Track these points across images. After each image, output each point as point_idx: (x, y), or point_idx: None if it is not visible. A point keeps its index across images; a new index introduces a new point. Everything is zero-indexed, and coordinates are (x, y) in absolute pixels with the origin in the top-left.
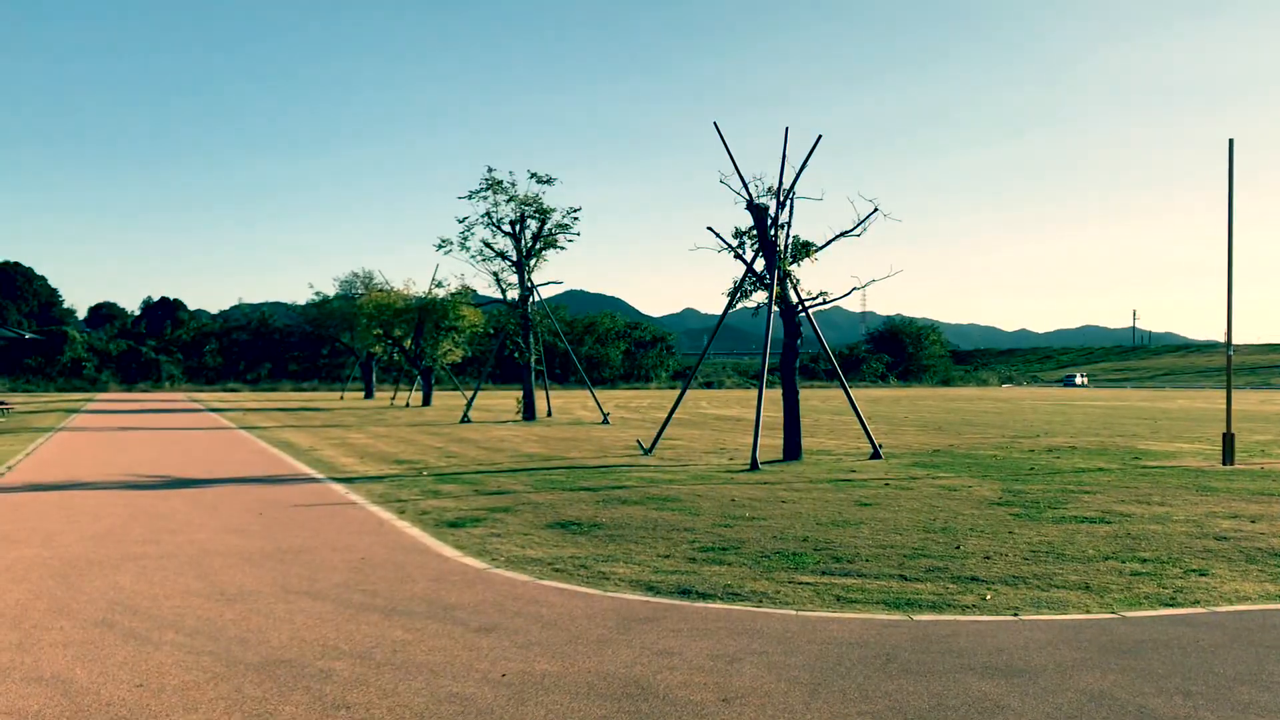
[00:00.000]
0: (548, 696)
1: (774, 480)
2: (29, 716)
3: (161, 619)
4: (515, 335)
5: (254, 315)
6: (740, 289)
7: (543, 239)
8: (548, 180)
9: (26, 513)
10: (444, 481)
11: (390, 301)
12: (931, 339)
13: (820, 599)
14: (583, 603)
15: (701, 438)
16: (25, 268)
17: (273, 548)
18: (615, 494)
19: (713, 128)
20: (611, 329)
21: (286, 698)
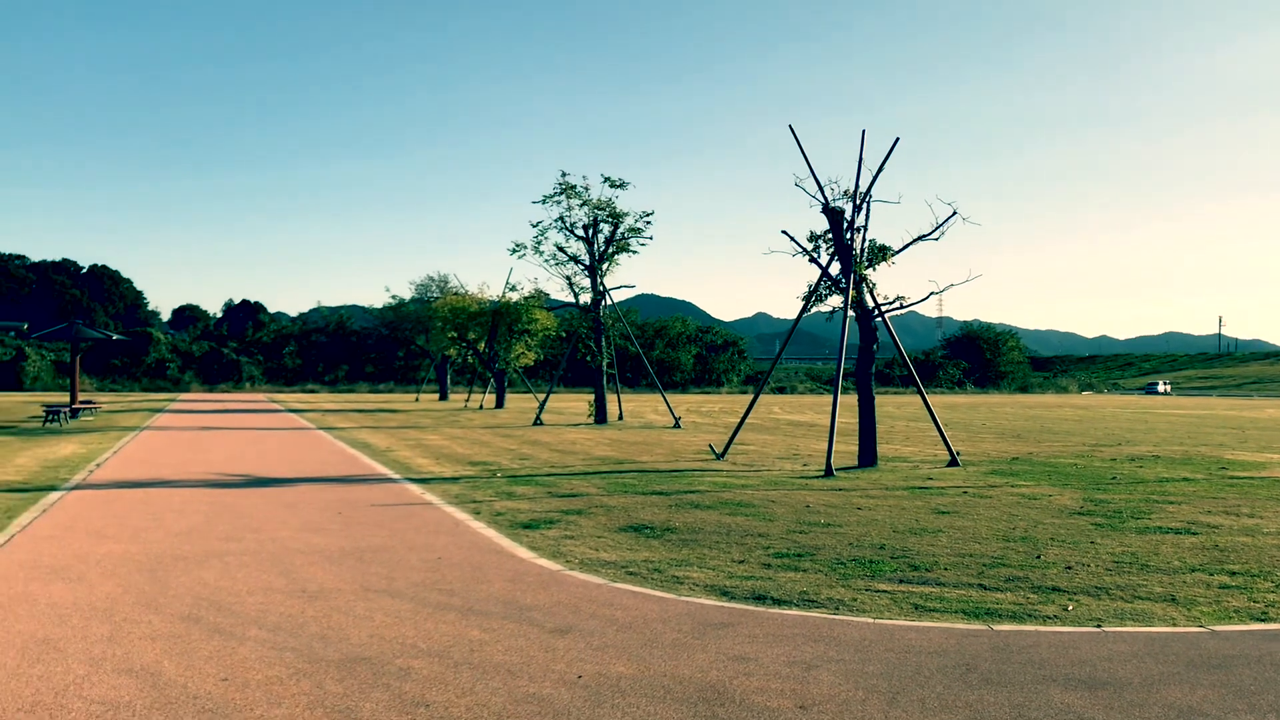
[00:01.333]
0: (624, 699)
1: (849, 487)
2: (120, 707)
3: (245, 615)
4: (587, 339)
5: (332, 318)
6: (815, 293)
7: (615, 243)
8: (621, 184)
9: (115, 509)
10: (517, 483)
11: (465, 305)
12: (1009, 345)
13: (898, 607)
14: (657, 606)
15: (775, 443)
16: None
17: (352, 546)
18: (688, 498)
19: (788, 131)
20: (683, 333)
21: (367, 695)
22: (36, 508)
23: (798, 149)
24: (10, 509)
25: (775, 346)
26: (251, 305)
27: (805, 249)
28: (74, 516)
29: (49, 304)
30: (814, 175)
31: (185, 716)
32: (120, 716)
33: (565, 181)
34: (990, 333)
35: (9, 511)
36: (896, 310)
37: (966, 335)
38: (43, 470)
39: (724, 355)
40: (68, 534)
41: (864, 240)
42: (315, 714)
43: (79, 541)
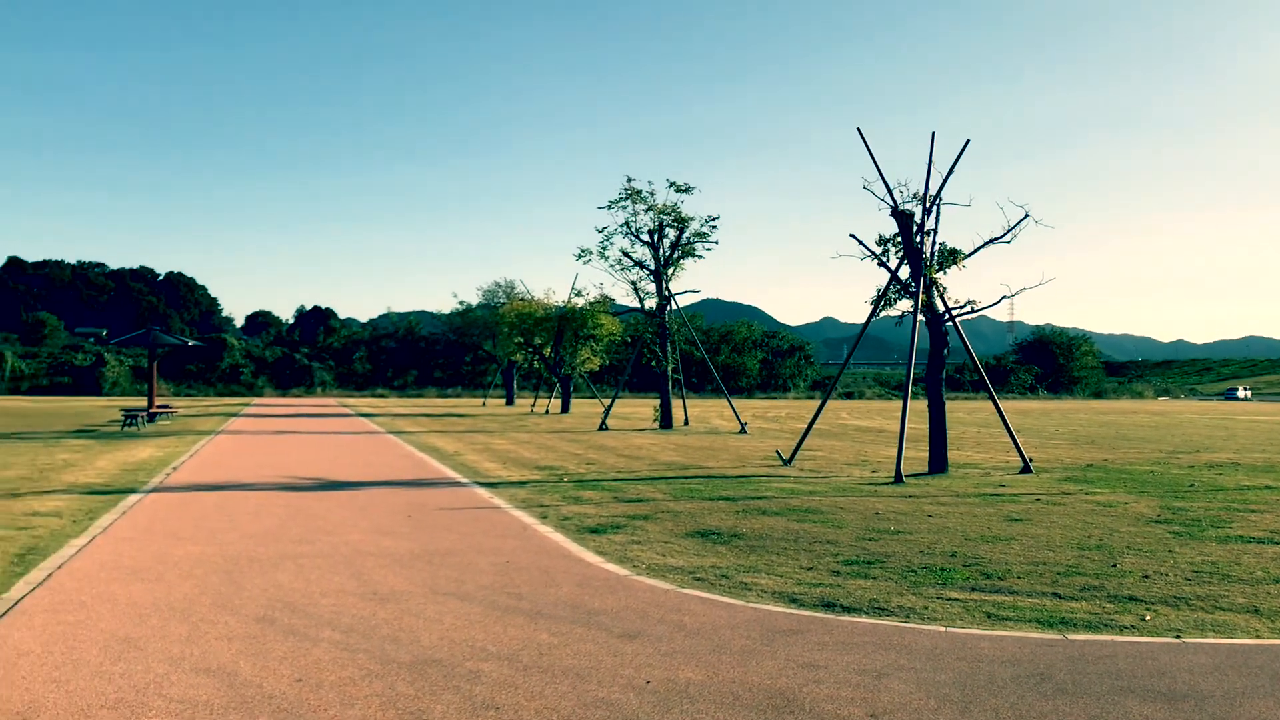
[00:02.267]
0: (693, 705)
1: (919, 494)
2: (198, 706)
3: (318, 616)
4: (653, 344)
5: (401, 324)
6: (884, 297)
7: (681, 248)
8: (686, 189)
9: (191, 512)
10: (584, 488)
11: (531, 310)
12: (1083, 350)
13: (970, 615)
14: (725, 612)
15: (842, 449)
16: (188, 278)
17: (421, 549)
18: (755, 504)
19: (856, 133)
20: (748, 338)
21: (438, 697)
22: (116, 510)
23: (866, 151)
24: (92, 511)
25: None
26: (322, 311)
27: (874, 252)
28: (152, 518)
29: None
30: (882, 178)
31: (261, 716)
32: (199, 715)
33: (631, 187)
34: (1063, 337)
35: (90, 513)
36: (967, 314)
37: (1038, 340)
38: (122, 473)
39: (790, 360)
40: (146, 535)
41: (934, 243)
42: (388, 715)
43: (157, 543)
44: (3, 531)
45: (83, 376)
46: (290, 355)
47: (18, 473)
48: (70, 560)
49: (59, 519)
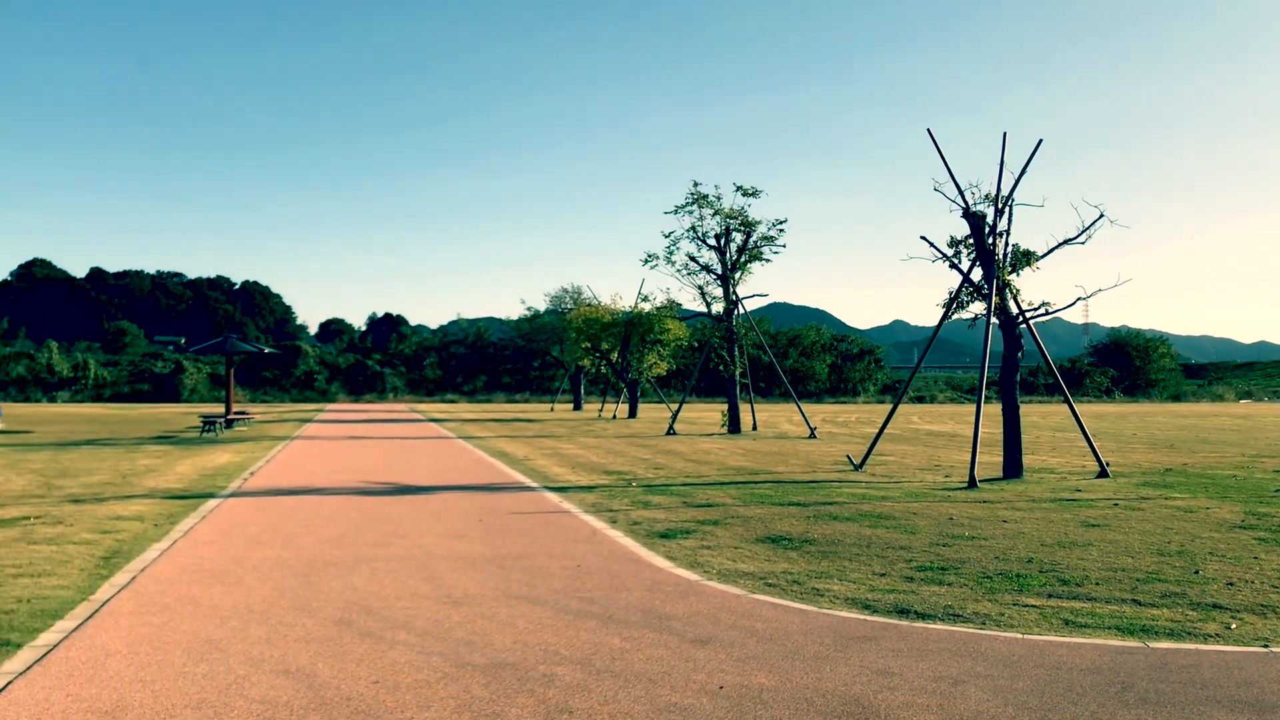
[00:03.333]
0: (766, 711)
1: (994, 499)
2: (279, 706)
3: (394, 619)
4: (720, 348)
5: (470, 330)
6: (956, 300)
7: (748, 252)
8: (753, 193)
9: (269, 516)
10: (653, 493)
11: (598, 316)
12: (1160, 352)
13: (1047, 622)
14: (798, 618)
15: (914, 454)
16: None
17: (493, 553)
18: (826, 510)
19: (925, 134)
20: (817, 341)
21: (512, 700)
22: (196, 514)
23: (936, 153)
24: (173, 515)
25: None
26: (393, 318)
27: (945, 254)
28: (231, 522)
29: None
30: (953, 179)
31: (340, 717)
32: (279, 715)
33: (697, 191)
34: (1139, 339)
35: (172, 517)
36: (1041, 316)
37: (1114, 342)
38: (201, 478)
39: (860, 364)
40: (225, 539)
41: (1006, 245)
42: (463, 717)
43: (236, 547)
44: (88, 535)
45: (162, 383)
46: (362, 362)
47: (102, 478)
48: (153, 563)
49: (141, 523)
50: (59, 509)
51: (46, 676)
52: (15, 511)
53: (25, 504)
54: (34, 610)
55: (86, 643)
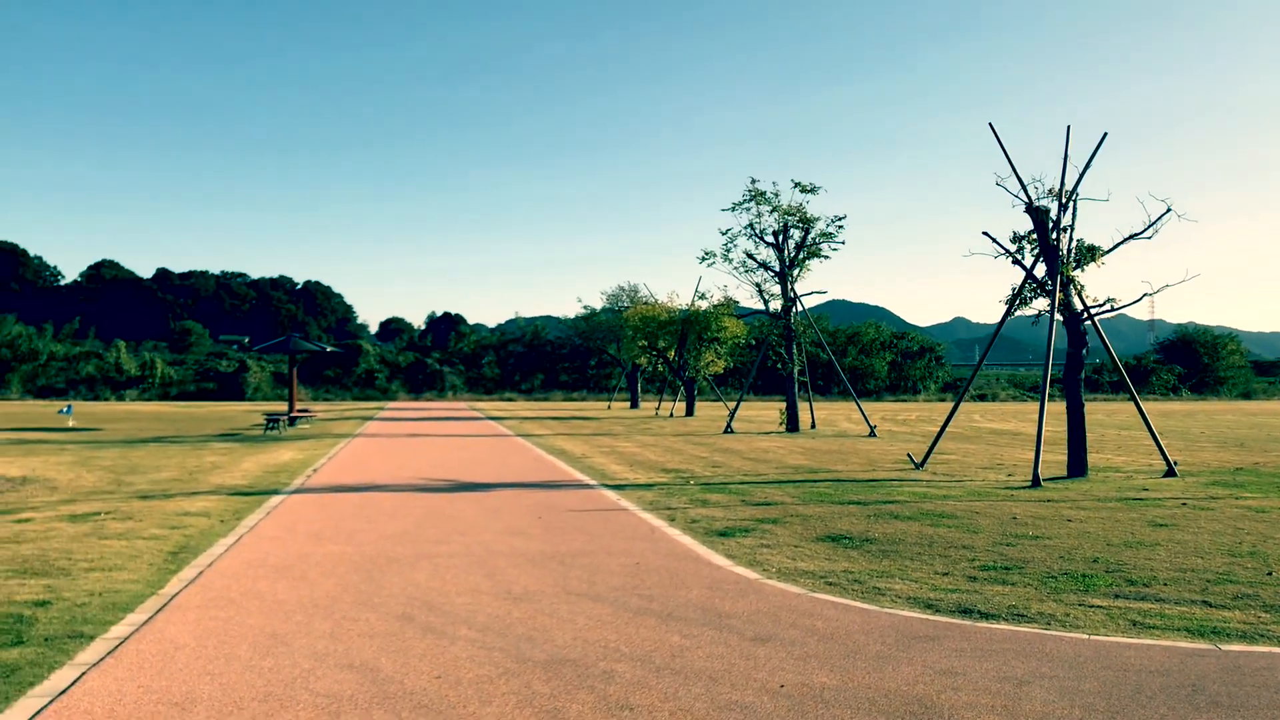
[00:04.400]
0: (828, 710)
1: (1058, 498)
2: (343, 700)
3: (455, 615)
4: (778, 346)
5: (528, 329)
6: (1019, 296)
7: (806, 249)
8: (812, 189)
9: (332, 512)
10: (711, 491)
11: (655, 314)
12: (1229, 348)
13: (1114, 623)
14: (859, 617)
15: (976, 452)
16: (325, 286)
17: (552, 550)
18: (887, 508)
19: (987, 128)
20: (876, 339)
21: (573, 696)
22: (261, 510)
23: (998, 146)
24: (238, 511)
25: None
26: (452, 317)
27: (1008, 250)
28: (295, 518)
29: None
30: (1016, 173)
31: (403, 711)
32: (344, 709)
33: (755, 188)
34: (1207, 335)
35: (237, 513)
36: (1106, 313)
37: (1181, 339)
38: (265, 475)
39: (920, 362)
40: (290, 535)
41: (1070, 240)
42: (524, 713)
43: (300, 542)
44: (157, 530)
45: (227, 382)
46: (422, 360)
47: (169, 474)
48: (219, 558)
49: (207, 519)
50: (128, 505)
51: (119, 668)
52: (87, 507)
53: (96, 500)
54: (105, 603)
55: (156, 635)
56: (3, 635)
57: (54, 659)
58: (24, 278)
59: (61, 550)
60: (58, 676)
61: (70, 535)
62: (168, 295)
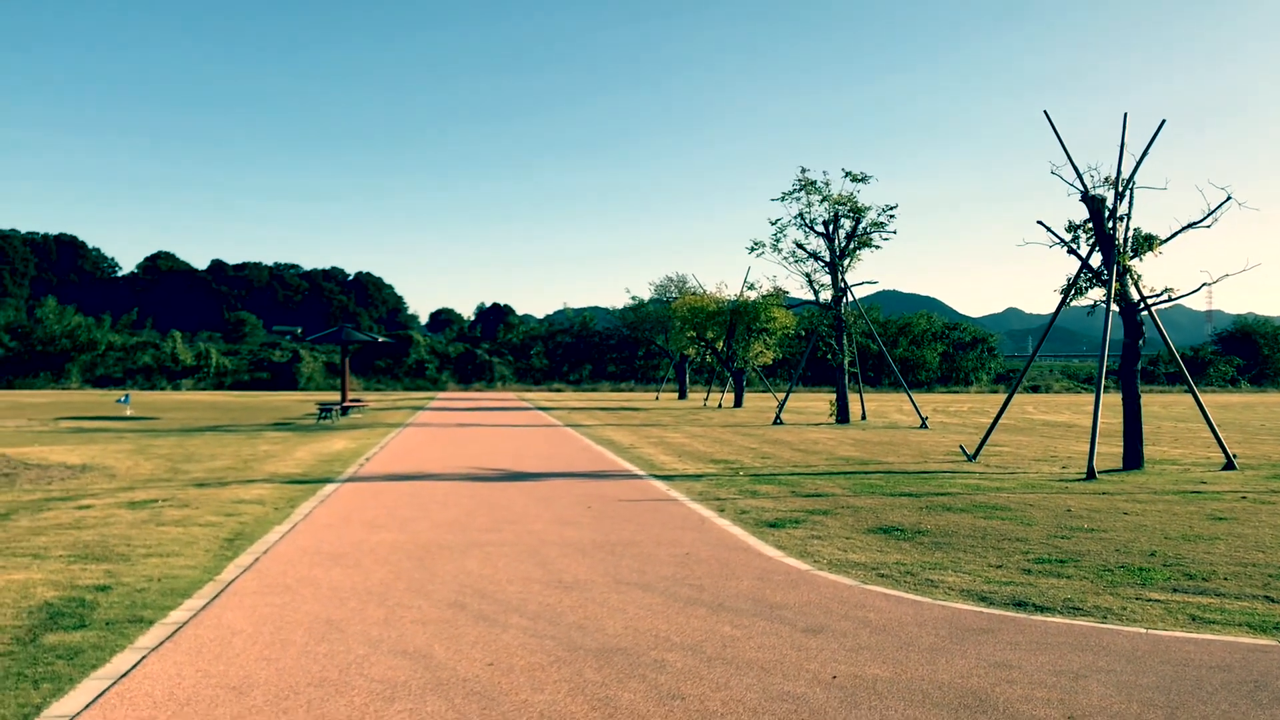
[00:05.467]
0: (880, 702)
1: (1113, 490)
2: (397, 686)
3: (506, 603)
4: (828, 337)
5: (576, 319)
6: (1074, 286)
7: (857, 238)
8: (863, 178)
9: (384, 500)
10: (760, 482)
11: (703, 305)
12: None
13: (1172, 617)
14: (911, 609)
15: (1030, 444)
16: (376, 277)
17: (602, 539)
18: (939, 500)
19: (1042, 116)
20: (928, 330)
21: (624, 685)
22: (315, 498)
23: (1054, 135)
24: (293, 499)
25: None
26: (501, 308)
27: (1063, 240)
28: (348, 507)
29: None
30: (1071, 162)
31: (456, 698)
32: (397, 695)
33: (805, 177)
34: (1268, 326)
35: (292, 501)
36: (1163, 303)
37: (1240, 329)
38: (319, 463)
39: (972, 353)
40: (343, 523)
41: (1127, 229)
42: (576, 701)
43: (354, 530)
44: (213, 518)
45: (280, 372)
46: (471, 351)
47: (224, 463)
48: (274, 545)
49: (262, 506)
50: (185, 492)
51: (177, 652)
52: (145, 494)
53: (154, 487)
54: (164, 589)
55: (213, 621)
56: (66, 618)
57: (115, 642)
58: (83, 269)
59: (121, 536)
60: (119, 659)
61: (129, 522)
62: (222, 286)
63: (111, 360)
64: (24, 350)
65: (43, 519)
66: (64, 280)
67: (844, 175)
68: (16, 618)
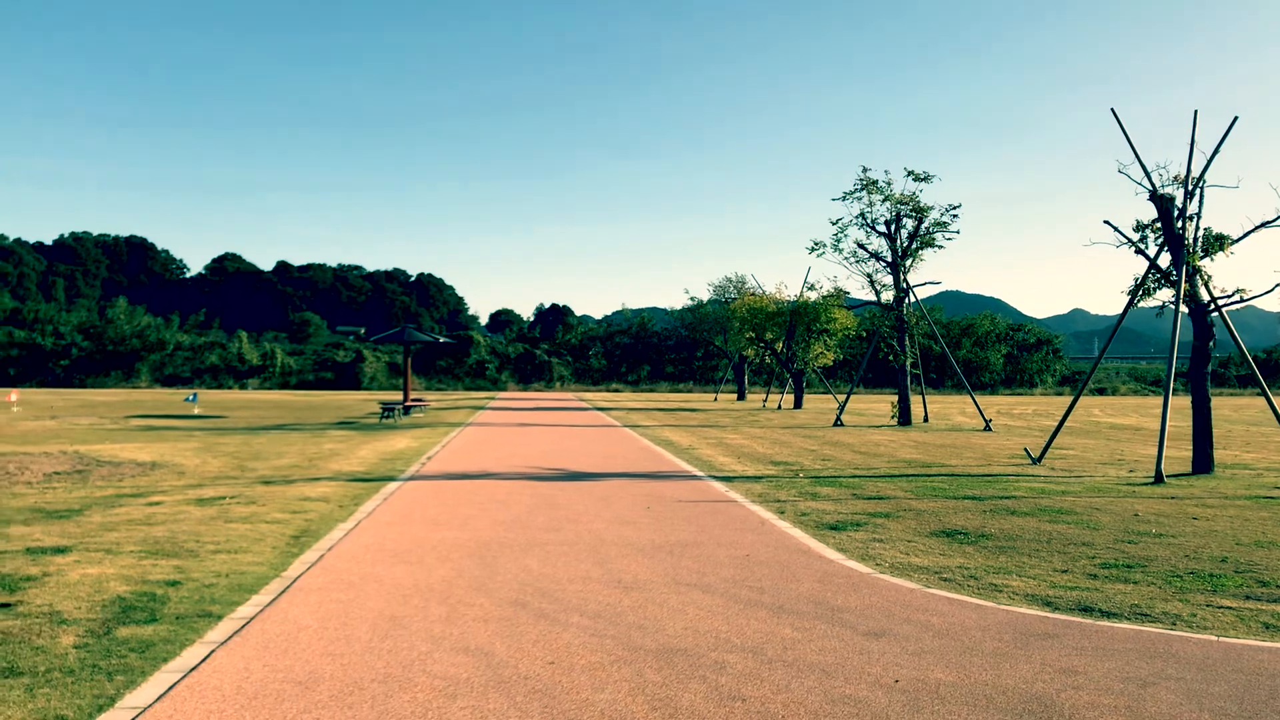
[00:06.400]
0: (944, 706)
1: (1182, 495)
2: (459, 683)
3: (566, 602)
4: (889, 338)
5: (634, 320)
6: (1142, 287)
7: (919, 238)
8: (925, 177)
9: (445, 499)
10: (821, 484)
11: (762, 305)
12: None
13: (1245, 625)
14: (975, 614)
15: (1096, 447)
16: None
17: (662, 540)
18: (1003, 504)
19: (1109, 114)
20: (991, 331)
21: (685, 685)
22: (378, 496)
23: (1121, 133)
24: (356, 497)
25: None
26: (560, 309)
27: (1130, 240)
28: (410, 505)
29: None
30: (1139, 160)
31: (518, 695)
32: (460, 691)
33: (866, 177)
34: None
35: (355, 499)
36: (1235, 304)
37: None
38: (381, 462)
39: (1037, 354)
40: (406, 521)
41: (1197, 228)
42: (636, 701)
43: (416, 528)
44: (279, 515)
45: (344, 372)
46: (530, 351)
47: (289, 461)
48: (339, 543)
49: (327, 504)
50: (251, 490)
51: (245, 647)
52: (212, 492)
53: (221, 485)
54: (232, 585)
55: (280, 616)
56: (138, 612)
57: (185, 636)
58: (152, 270)
59: (190, 533)
60: (189, 653)
61: (197, 518)
62: (287, 287)
63: (180, 360)
64: (96, 350)
65: (115, 515)
66: (134, 281)
67: (906, 174)
68: (91, 611)
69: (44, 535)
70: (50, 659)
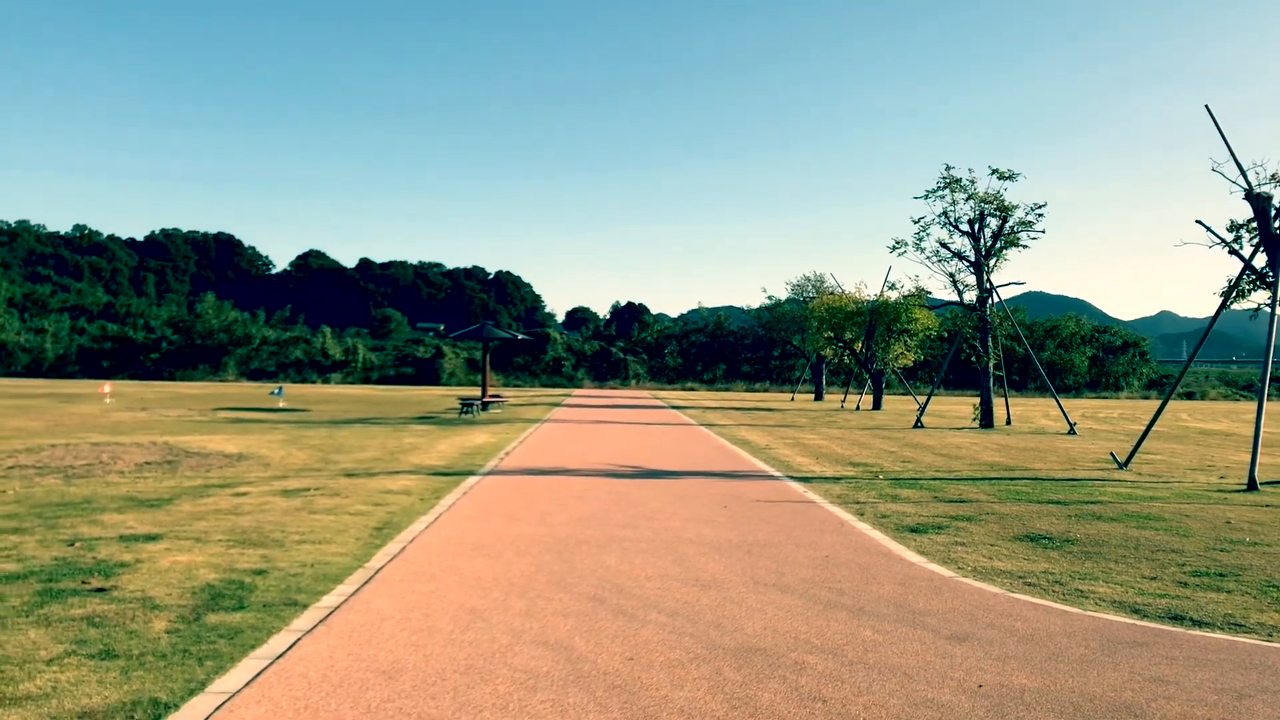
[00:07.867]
0: (1029, 712)
1: (1277, 503)
2: (539, 676)
3: (645, 599)
4: (972, 339)
5: (710, 319)
6: (1236, 288)
7: (1003, 238)
8: (1010, 176)
9: (523, 494)
10: (901, 486)
11: (841, 305)
12: None
13: None
14: (1060, 620)
15: (1184, 453)
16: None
17: (739, 539)
18: (1088, 509)
19: (1204, 111)
20: (1076, 333)
21: (764, 685)
22: (458, 490)
23: (1215, 130)
24: (437, 491)
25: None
26: (635, 307)
27: (1224, 240)
28: (490, 499)
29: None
30: (1234, 158)
31: (597, 691)
32: (540, 685)
33: (949, 175)
34: None
35: (435, 493)
36: None
37: None
38: (461, 457)
39: (1123, 357)
40: (485, 515)
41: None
42: (716, 699)
43: (495, 522)
44: (362, 506)
45: (423, 367)
46: (606, 349)
47: (372, 454)
48: (420, 535)
49: (408, 497)
50: (335, 482)
51: (330, 636)
52: (297, 483)
53: (305, 476)
54: (316, 574)
55: (363, 607)
56: (227, 600)
57: (272, 624)
58: (239, 266)
59: (275, 523)
60: (275, 641)
61: (283, 509)
62: (369, 284)
63: (265, 354)
64: (185, 344)
65: (203, 504)
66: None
67: (990, 173)
68: (181, 597)
69: (136, 523)
70: (144, 643)
